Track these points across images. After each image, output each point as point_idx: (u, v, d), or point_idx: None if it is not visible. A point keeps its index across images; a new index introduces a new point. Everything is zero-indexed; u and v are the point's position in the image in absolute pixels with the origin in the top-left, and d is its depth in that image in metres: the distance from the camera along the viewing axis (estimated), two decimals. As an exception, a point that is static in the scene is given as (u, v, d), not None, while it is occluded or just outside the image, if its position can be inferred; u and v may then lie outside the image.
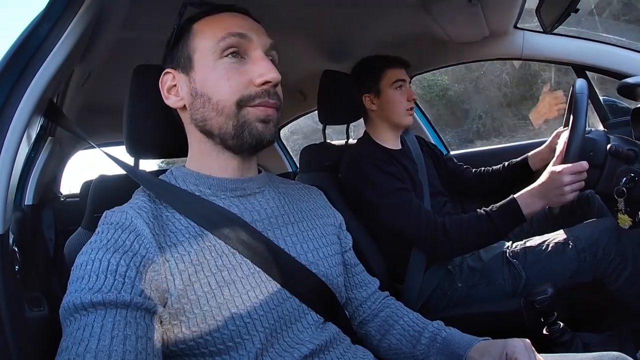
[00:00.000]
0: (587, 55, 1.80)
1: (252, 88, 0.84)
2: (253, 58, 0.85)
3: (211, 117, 0.85)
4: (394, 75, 1.75)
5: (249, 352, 0.77)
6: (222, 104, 0.83)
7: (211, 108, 0.84)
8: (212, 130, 0.86)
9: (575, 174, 1.34)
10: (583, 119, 1.34)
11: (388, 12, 1.64)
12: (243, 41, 0.85)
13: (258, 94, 0.83)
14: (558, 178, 1.35)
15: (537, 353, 0.85)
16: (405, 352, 1.02)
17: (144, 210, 0.79)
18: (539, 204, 1.42)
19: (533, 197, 1.42)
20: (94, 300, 0.65)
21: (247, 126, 0.84)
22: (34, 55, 0.81)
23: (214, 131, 0.86)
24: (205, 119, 0.86)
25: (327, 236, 1.02)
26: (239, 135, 0.84)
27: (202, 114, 0.86)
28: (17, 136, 0.78)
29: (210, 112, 0.85)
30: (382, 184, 1.58)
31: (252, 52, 0.86)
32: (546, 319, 1.31)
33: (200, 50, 0.86)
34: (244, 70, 0.85)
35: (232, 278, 0.79)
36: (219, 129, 0.85)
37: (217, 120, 0.85)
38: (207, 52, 0.85)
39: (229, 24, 0.86)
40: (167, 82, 0.91)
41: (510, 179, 1.96)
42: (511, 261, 1.53)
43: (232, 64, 0.84)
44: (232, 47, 0.84)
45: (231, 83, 0.83)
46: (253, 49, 0.86)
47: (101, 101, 2.19)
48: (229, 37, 0.84)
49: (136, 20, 1.32)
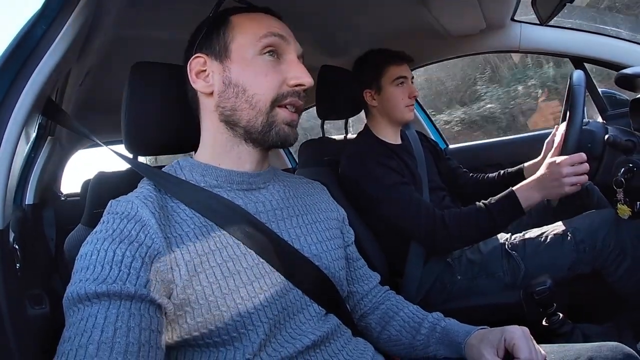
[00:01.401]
0: (585, 46, 1.80)
1: (285, 87, 0.87)
2: (288, 60, 0.89)
3: (242, 109, 0.87)
4: (396, 72, 1.75)
5: (252, 342, 0.78)
6: (257, 98, 0.86)
7: (245, 100, 0.86)
8: (239, 121, 0.88)
9: (574, 165, 1.34)
10: (581, 111, 1.34)
11: (385, 6, 1.64)
12: (282, 42, 0.89)
13: (290, 93, 0.88)
14: (556, 170, 1.35)
15: (534, 341, 0.86)
16: (405, 343, 1.03)
17: (150, 200, 0.79)
18: (537, 196, 1.42)
19: (532, 189, 1.43)
20: (98, 290, 0.65)
21: (275, 126, 0.87)
22: (31, 54, 0.81)
23: (241, 122, 0.88)
24: (236, 109, 0.87)
25: (330, 230, 1.03)
26: (266, 132, 0.87)
27: (234, 103, 0.87)
28: (16, 135, 0.78)
29: (243, 104, 0.87)
30: (382, 178, 1.59)
31: (287, 54, 0.90)
32: (546, 310, 1.32)
33: (239, 42, 0.88)
34: (279, 69, 0.88)
35: (237, 269, 0.80)
36: (248, 121, 0.87)
37: (247, 113, 0.87)
38: (247, 46, 0.87)
39: (270, 24, 0.90)
40: (197, 66, 0.91)
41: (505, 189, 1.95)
42: (510, 253, 1.53)
43: (270, 62, 0.87)
44: (271, 46, 0.87)
45: (268, 79, 0.86)
46: (289, 52, 0.90)
47: (99, 99, 2.19)
48: (270, 35, 0.87)
49: (133, 18, 1.32)
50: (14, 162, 0.80)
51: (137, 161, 0.98)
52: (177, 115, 0.97)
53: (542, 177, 1.40)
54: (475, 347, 0.89)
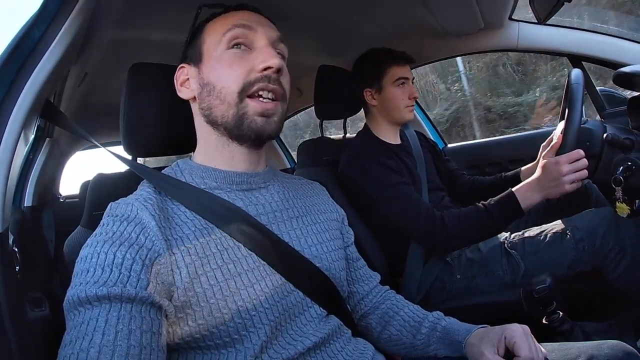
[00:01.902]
0: (583, 45, 1.80)
1: (254, 74, 0.86)
2: (257, 48, 0.88)
3: (215, 105, 0.87)
4: (398, 73, 1.75)
5: (254, 344, 0.78)
6: (225, 91, 0.86)
7: (215, 96, 0.87)
8: (216, 119, 0.88)
9: (573, 163, 1.34)
10: (579, 109, 1.34)
11: (384, 5, 1.63)
12: (248, 32, 0.88)
13: (258, 79, 0.85)
14: (555, 169, 1.35)
15: (534, 339, 0.86)
16: (406, 343, 1.03)
17: (150, 202, 0.79)
18: (537, 196, 1.42)
19: (531, 190, 1.43)
20: (99, 293, 0.65)
21: (247, 118, 0.86)
22: (29, 56, 0.81)
23: (217, 120, 0.88)
24: (210, 107, 0.88)
25: (330, 231, 1.03)
26: (238, 126, 0.86)
27: (208, 102, 0.88)
28: (14, 137, 0.78)
29: (215, 100, 0.87)
30: (381, 178, 1.59)
31: (257, 43, 0.89)
32: (545, 309, 1.32)
33: (208, 43, 0.90)
34: (248, 58, 0.87)
35: (238, 271, 0.80)
36: (222, 117, 0.87)
37: (220, 109, 0.87)
38: (214, 44, 0.89)
39: (235, 18, 0.90)
40: (181, 76, 0.94)
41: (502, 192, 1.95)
42: (510, 252, 1.53)
43: (237, 53, 0.88)
44: (237, 39, 0.88)
45: (234, 70, 0.86)
46: (257, 40, 0.89)
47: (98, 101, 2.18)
48: (233, 28, 0.88)
49: (131, 20, 1.32)
50: (12, 164, 0.79)
51: (136, 163, 0.98)
52: (175, 116, 0.97)
53: (541, 177, 1.41)
54: (476, 346, 0.89)
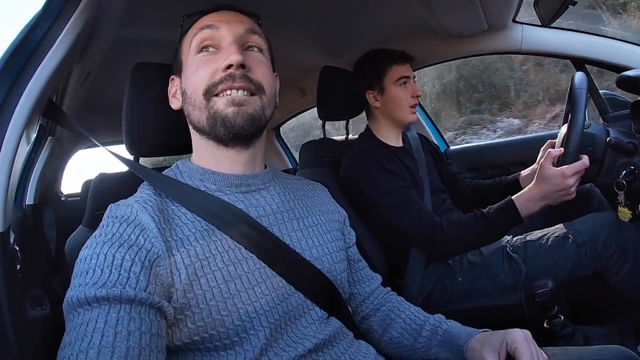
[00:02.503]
0: (586, 48, 1.79)
1: (218, 74, 0.85)
2: (224, 47, 0.87)
3: (191, 111, 0.89)
4: (398, 72, 1.75)
5: (254, 347, 0.77)
6: (194, 96, 0.87)
7: (189, 102, 0.88)
8: (196, 124, 0.89)
9: (578, 173, 1.34)
10: (582, 114, 1.33)
11: (387, 7, 1.63)
12: (213, 33, 0.88)
13: (222, 79, 0.85)
14: (563, 182, 1.35)
15: (536, 344, 0.85)
16: (407, 346, 1.03)
17: (150, 204, 0.79)
18: (538, 205, 1.43)
19: (534, 200, 1.43)
20: (98, 295, 0.65)
21: (219, 117, 0.85)
22: (32, 55, 0.81)
23: (197, 125, 0.89)
24: (189, 114, 0.90)
25: (331, 232, 1.03)
26: (212, 127, 0.86)
27: (187, 109, 0.90)
28: (16, 135, 0.78)
29: (189, 107, 0.89)
30: (383, 181, 1.59)
31: (223, 41, 0.88)
32: (547, 313, 1.32)
33: (183, 52, 0.92)
34: (214, 59, 0.87)
35: (238, 273, 0.80)
36: (198, 122, 0.88)
37: (195, 114, 0.88)
38: (186, 52, 0.91)
39: (203, 21, 0.90)
40: (172, 88, 0.96)
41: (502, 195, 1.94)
42: (511, 255, 1.53)
43: (204, 57, 0.88)
44: (204, 41, 0.88)
45: (199, 74, 0.86)
46: (222, 38, 0.88)
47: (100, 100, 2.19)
48: (198, 31, 0.89)
49: (134, 19, 1.32)
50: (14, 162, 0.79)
51: (137, 164, 0.98)
52: (177, 116, 0.97)
53: (544, 188, 1.40)
54: (477, 351, 0.89)
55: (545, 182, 1.40)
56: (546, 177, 1.39)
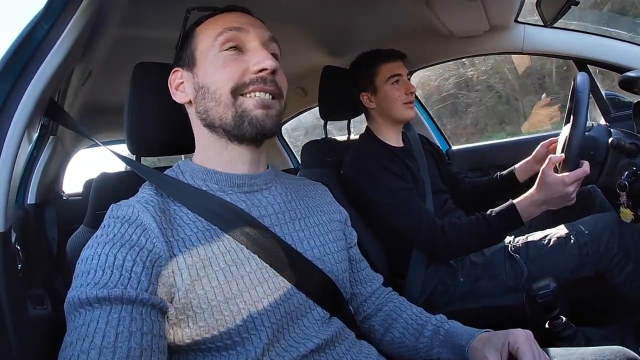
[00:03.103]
0: (589, 48, 1.79)
1: (249, 76, 0.86)
2: (251, 49, 0.88)
3: (211, 108, 0.87)
4: (389, 71, 1.74)
5: (255, 347, 0.77)
6: (219, 92, 0.86)
7: (210, 98, 0.87)
8: (213, 121, 0.88)
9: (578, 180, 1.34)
10: (584, 117, 1.32)
11: (389, 6, 1.63)
12: (240, 34, 0.88)
13: (253, 81, 0.85)
14: (563, 189, 1.35)
15: (538, 345, 0.85)
16: (409, 345, 1.03)
17: (151, 204, 0.79)
18: (539, 209, 1.44)
19: (534, 204, 1.43)
20: (99, 295, 0.65)
21: (247, 116, 0.85)
22: (34, 54, 0.81)
23: (215, 122, 0.88)
24: (207, 110, 0.88)
25: (333, 232, 1.03)
26: (239, 125, 0.86)
27: (204, 105, 0.88)
28: (18, 135, 0.78)
29: (210, 102, 0.87)
30: (384, 183, 1.59)
31: (249, 44, 0.88)
32: (548, 314, 1.31)
33: (200, 48, 0.90)
34: (242, 60, 0.87)
35: (240, 273, 0.80)
36: (220, 119, 0.87)
37: (216, 110, 0.87)
38: (207, 48, 0.89)
39: (227, 21, 0.89)
40: (176, 80, 0.94)
41: (499, 191, 1.96)
42: (513, 256, 1.53)
43: (231, 55, 0.87)
44: (230, 41, 0.87)
45: (228, 71, 0.86)
46: (250, 41, 0.89)
47: (102, 100, 2.19)
48: (226, 31, 0.87)
49: (135, 18, 1.32)
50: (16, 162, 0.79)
51: (139, 164, 0.98)
52: (179, 115, 0.97)
53: (547, 193, 1.40)
54: (479, 351, 0.89)
55: (545, 188, 1.40)
56: (547, 183, 1.39)
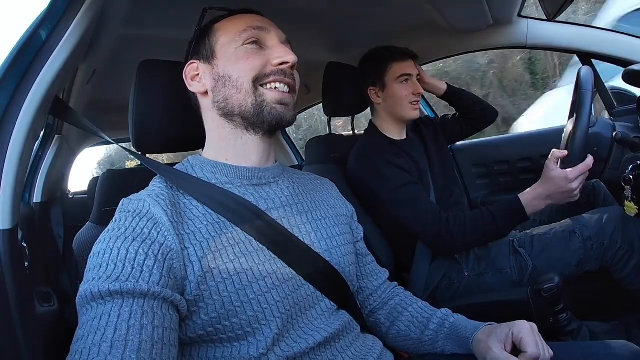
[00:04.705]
0: (592, 42, 1.78)
1: (270, 67, 0.89)
2: (271, 46, 0.92)
3: (232, 95, 0.90)
4: (400, 70, 1.75)
5: (266, 337, 0.78)
6: (241, 81, 0.88)
7: (232, 86, 0.89)
8: (233, 109, 0.90)
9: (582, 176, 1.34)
10: (587, 114, 1.32)
11: (392, 2, 1.63)
12: (261, 33, 0.92)
13: (274, 72, 0.90)
14: (567, 185, 1.35)
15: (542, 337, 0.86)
16: (414, 338, 1.04)
17: (162, 198, 0.81)
18: (543, 203, 1.43)
19: (538, 198, 1.43)
20: (111, 288, 0.66)
21: (267, 106, 0.89)
22: (38, 54, 0.82)
23: (235, 110, 0.90)
24: (227, 97, 0.90)
25: (339, 226, 1.04)
26: (259, 113, 0.89)
27: (224, 93, 0.90)
28: (24, 134, 0.79)
29: (231, 90, 0.90)
30: (390, 177, 1.59)
31: (269, 41, 0.93)
32: (553, 308, 1.31)
33: (222, 42, 0.93)
34: (263, 54, 0.91)
35: (250, 264, 0.81)
36: (240, 106, 0.89)
37: (237, 98, 0.89)
38: (229, 43, 0.92)
39: (249, 21, 0.93)
40: (191, 72, 0.96)
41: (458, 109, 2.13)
42: (518, 250, 1.53)
43: (252, 49, 0.91)
44: (252, 38, 0.91)
45: (250, 61, 0.89)
46: (270, 39, 0.93)
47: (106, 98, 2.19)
48: (249, 29, 0.91)
49: (139, 17, 1.32)
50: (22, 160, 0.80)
51: (149, 159, 0.99)
52: (184, 113, 0.97)
53: (550, 187, 1.40)
54: (483, 342, 0.90)
55: (549, 183, 1.40)
56: (550, 178, 1.40)
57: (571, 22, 1.83)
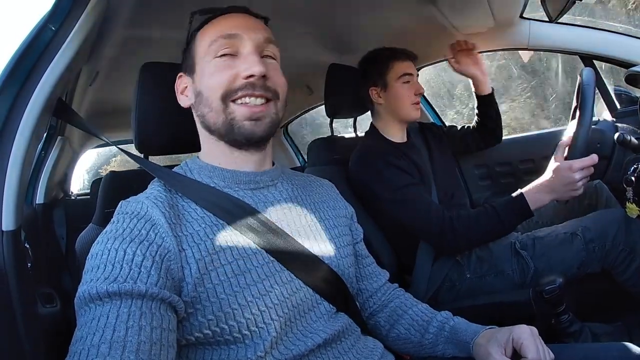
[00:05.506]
0: (594, 44, 1.78)
1: (239, 81, 0.86)
2: (243, 55, 0.88)
3: (206, 113, 0.89)
4: (401, 69, 1.75)
5: (264, 340, 0.78)
6: (211, 99, 0.87)
7: (205, 104, 0.89)
8: (209, 126, 0.90)
9: (586, 168, 1.33)
10: (590, 111, 1.32)
11: (394, 4, 1.63)
12: (233, 41, 0.88)
13: (242, 87, 0.86)
14: (570, 175, 1.34)
15: (542, 341, 0.86)
16: (414, 342, 1.04)
17: (160, 200, 0.80)
18: (547, 198, 1.42)
19: (541, 192, 1.42)
20: (109, 290, 0.66)
21: (236, 124, 0.86)
22: (42, 55, 0.82)
23: (211, 126, 0.90)
24: (203, 115, 0.90)
25: (339, 227, 1.03)
26: (230, 132, 0.87)
27: (201, 110, 0.90)
28: (27, 135, 0.79)
29: (205, 108, 0.89)
30: (392, 179, 1.59)
31: (242, 49, 0.89)
32: (555, 310, 1.31)
33: (199, 53, 0.91)
34: (233, 66, 0.87)
35: (248, 267, 0.80)
36: (214, 124, 0.89)
37: (210, 116, 0.89)
38: (204, 54, 0.90)
39: (222, 27, 0.90)
40: (181, 85, 0.96)
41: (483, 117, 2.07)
42: (520, 252, 1.52)
43: (224, 62, 0.88)
44: (224, 48, 0.88)
45: (217, 77, 0.87)
46: (243, 47, 0.89)
47: (109, 100, 2.20)
48: (218, 39, 0.88)
49: (141, 19, 1.33)
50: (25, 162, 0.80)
51: (148, 161, 0.99)
52: (186, 115, 0.98)
53: (553, 180, 1.39)
54: (483, 347, 0.89)
55: (553, 174, 1.39)
56: (554, 168, 1.39)
57: (573, 24, 1.83)
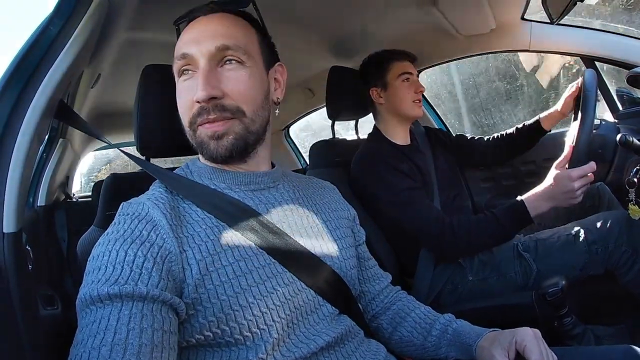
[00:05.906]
0: (596, 45, 1.78)
1: (195, 107, 0.84)
2: (198, 72, 0.85)
3: (185, 133, 0.89)
4: (400, 68, 1.76)
5: (265, 342, 0.77)
6: (184, 123, 0.88)
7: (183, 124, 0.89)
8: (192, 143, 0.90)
9: (585, 177, 1.34)
10: (591, 116, 1.32)
11: (396, 6, 1.63)
12: (189, 59, 0.85)
13: (199, 112, 0.84)
14: (569, 184, 1.34)
15: (545, 343, 0.85)
16: (417, 344, 1.03)
17: (161, 202, 0.80)
18: (546, 205, 1.42)
19: (541, 199, 1.42)
20: (110, 292, 0.65)
21: (204, 145, 0.85)
22: (43, 57, 0.82)
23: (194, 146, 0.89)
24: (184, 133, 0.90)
25: (341, 229, 1.03)
26: (203, 152, 0.87)
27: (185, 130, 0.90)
28: (28, 137, 0.79)
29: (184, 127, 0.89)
30: (393, 182, 1.59)
31: (199, 63, 0.85)
32: (558, 312, 1.31)
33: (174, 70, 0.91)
34: (191, 86, 0.85)
35: (249, 268, 0.80)
36: (192, 144, 0.89)
37: (189, 136, 0.89)
38: (175, 72, 0.90)
39: (180, 43, 0.88)
40: None
41: (524, 142, 1.97)
42: (522, 254, 1.52)
43: (184, 82, 0.87)
44: (183, 67, 0.86)
45: (181, 103, 0.88)
46: (197, 64, 0.85)
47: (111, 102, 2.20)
48: (177, 60, 0.87)
49: (144, 21, 1.33)
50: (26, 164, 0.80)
51: (149, 163, 0.99)
52: None
53: (553, 188, 1.39)
54: (486, 349, 0.89)
55: (552, 183, 1.40)
56: (554, 176, 1.39)
57: (575, 25, 1.83)
